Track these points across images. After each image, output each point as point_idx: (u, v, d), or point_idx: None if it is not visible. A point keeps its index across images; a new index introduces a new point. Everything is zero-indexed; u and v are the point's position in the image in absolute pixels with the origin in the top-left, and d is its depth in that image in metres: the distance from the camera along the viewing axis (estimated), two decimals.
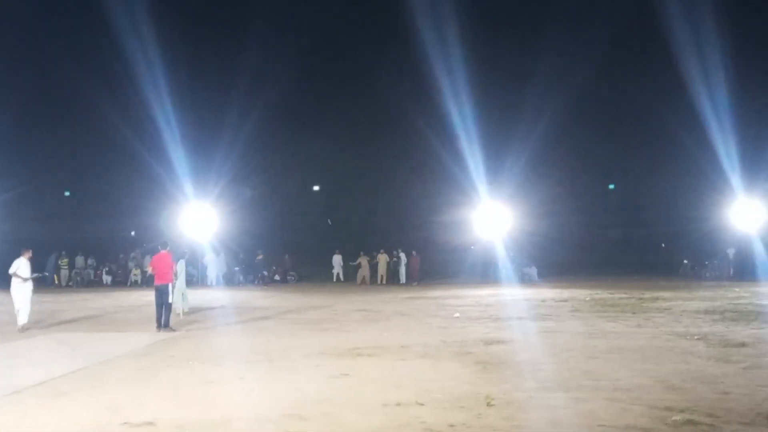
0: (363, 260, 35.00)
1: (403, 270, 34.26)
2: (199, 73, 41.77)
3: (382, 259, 34.90)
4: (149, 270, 17.97)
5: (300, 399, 8.35)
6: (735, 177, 32.44)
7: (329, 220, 44.67)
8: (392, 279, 34.62)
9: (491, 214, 33.84)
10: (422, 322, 16.71)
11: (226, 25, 49.02)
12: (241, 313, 19.79)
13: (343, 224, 43.71)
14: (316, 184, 48.43)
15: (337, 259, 37.19)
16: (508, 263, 33.29)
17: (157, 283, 16.02)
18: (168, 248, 16.59)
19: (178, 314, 18.52)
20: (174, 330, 15.61)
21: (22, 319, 16.06)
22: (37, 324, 16.97)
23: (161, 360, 11.58)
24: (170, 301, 16.08)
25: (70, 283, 36.17)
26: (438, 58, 35.07)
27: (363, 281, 34.55)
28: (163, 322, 15.66)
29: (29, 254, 16.52)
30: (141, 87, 34.14)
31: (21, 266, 16.20)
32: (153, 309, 15.94)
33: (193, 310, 19.49)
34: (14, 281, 16.17)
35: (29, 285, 16.32)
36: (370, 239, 38.31)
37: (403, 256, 34.53)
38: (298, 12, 47.91)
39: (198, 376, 10.04)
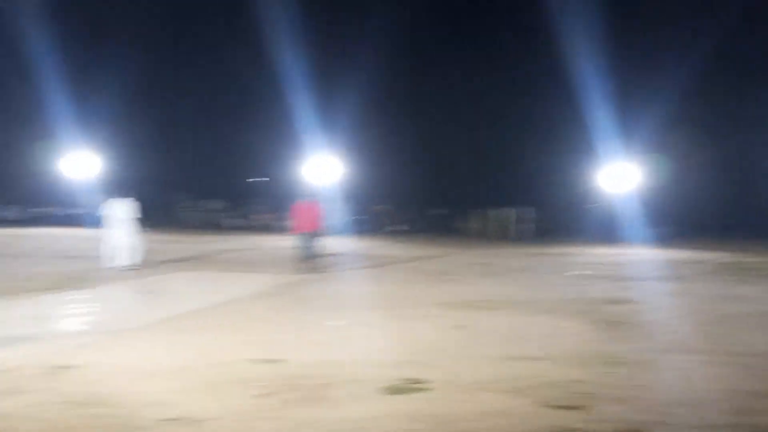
0: (489, 215, 34.88)
1: (526, 227, 33.97)
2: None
3: (506, 214, 34.65)
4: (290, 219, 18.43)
5: (419, 347, 8.44)
6: None
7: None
8: (515, 235, 34.34)
9: (618, 171, 32.74)
10: (543, 278, 16.49)
11: None
12: (365, 261, 20.12)
13: (470, 179, 43.29)
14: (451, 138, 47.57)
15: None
16: (635, 222, 32.24)
17: (302, 231, 16.75)
18: (315, 199, 17.35)
19: (303, 259, 19.09)
20: (316, 271, 16.46)
21: (133, 258, 16.64)
22: (171, 263, 17.91)
23: (289, 302, 11.97)
24: (310, 246, 16.83)
25: (198, 225, 37.80)
26: None
27: (488, 235, 34.42)
28: (304, 266, 16.53)
29: (134, 196, 17.08)
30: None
31: (126, 208, 16.75)
32: (286, 252, 16.53)
33: (318, 256, 19.97)
34: (124, 222, 16.72)
35: (136, 226, 16.88)
36: (493, 194, 37.97)
37: (525, 211, 34.23)
38: None
39: (322, 318, 10.32)
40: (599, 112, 32.99)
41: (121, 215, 16.68)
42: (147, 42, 40.99)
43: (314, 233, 16.86)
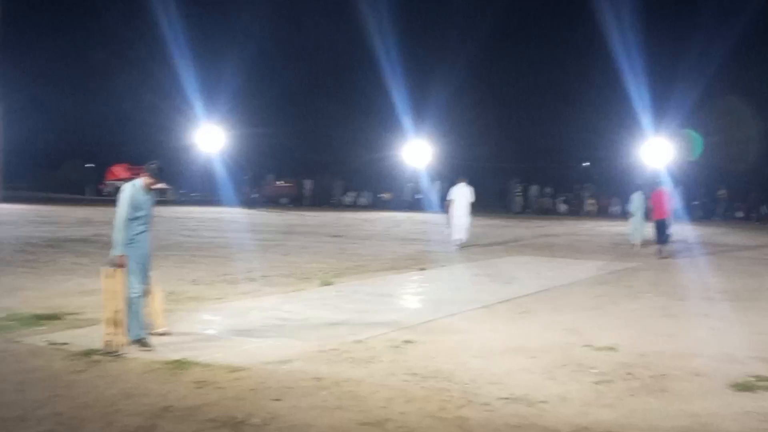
0: None
1: None
2: None
3: None
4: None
5: (767, 343, 7.82)
6: None
7: None
8: None
9: None
10: None
11: None
12: (700, 249, 18.99)
13: None
14: None
15: None
16: None
17: (655, 218, 17.12)
18: (661, 186, 17.65)
19: (633, 245, 18.56)
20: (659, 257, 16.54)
21: (462, 236, 18.02)
22: (504, 245, 18.43)
23: (618, 289, 11.71)
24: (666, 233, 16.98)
25: (527, 210, 38.24)
26: None
27: None
28: (657, 250, 16.83)
29: (465, 180, 18.58)
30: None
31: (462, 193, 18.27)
32: (613, 239, 16.28)
33: (649, 243, 19.21)
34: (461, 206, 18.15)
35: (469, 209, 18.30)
36: None
37: None
38: None
39: (657, 308, 9.95)
40: None
41: (459, 199, 18.12)
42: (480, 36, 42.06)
43: (668, 220, 17.05)
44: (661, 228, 16.99)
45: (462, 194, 18.20)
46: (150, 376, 6.06)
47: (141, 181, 7.03)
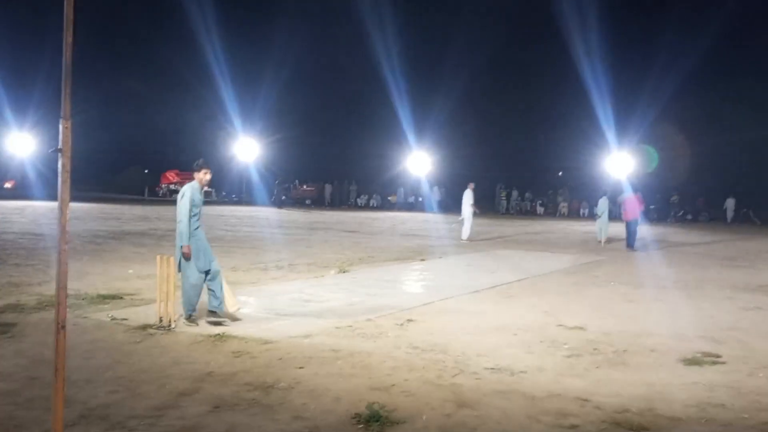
0: None
1: None
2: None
3: None
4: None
5: (713, 325, 7.75)
6: None
7: None
8: None
9: None
10: None
11: None
12: (656, 246, 18.90)
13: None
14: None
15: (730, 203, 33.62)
16: None
17: (627, 218, 17.61)
18: (637, 193, 18.07)
19: (599, 242, 18.50)
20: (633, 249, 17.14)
21: (465, 234, 18.48)
22: (487, 241, 18.38)
23: (588, 279, 11.65)
24: (635, 231, 17.55)
25: (510, 212, 38.14)
26: None
27: None
28: (627, 244, 17.44)
29: (472, 186, 18.90)
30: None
31: (467, 195, 18.60)
32: (582, 236, 16.27)
33: (612, 240, 19.13)
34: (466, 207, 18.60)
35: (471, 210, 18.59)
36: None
37: None
38: None
39: (620, 294, 9.90)
40: None
41: (465, 201, 18.65)
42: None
43: (637, 220, 17.61)
44: (632, 227, 17.42)
45: (466, 197, 18.65)
46: (195, 347, 6.06)
47: (197, 183, 7.03)
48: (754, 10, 39.44)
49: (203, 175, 7.03)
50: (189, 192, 6.87)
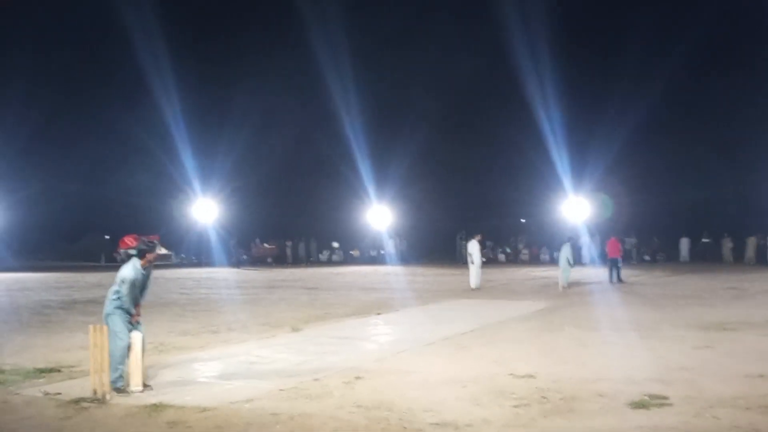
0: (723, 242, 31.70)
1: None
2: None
3: (751, 241, 31.08)
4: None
5: (663, 366, 7.73)
6: None
7: None
8: (761, 260, 30.46)
9: None
10: None
11: None
12: (611, 289, 19.06)
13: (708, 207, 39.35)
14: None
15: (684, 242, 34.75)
16: None
17: (610, 256, 20.70)
18: (617, 237, 21.43)
19: (562, 287, 18.56)
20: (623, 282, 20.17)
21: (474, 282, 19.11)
22: (446, 291, 18.34)
23: (542, 324, 11.60)
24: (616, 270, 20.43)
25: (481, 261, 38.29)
26: None
27: (724, 260, 31.20)
28: (611, 279, 20.33)
29: (479, 237, 20.01)
30: None
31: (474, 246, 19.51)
32: (541, 282, 16.60)
33: (572, 284, 19.23)
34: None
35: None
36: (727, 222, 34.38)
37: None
38: None
39: (573, 339, 9.87)
40: None
41: (473, 250, 19.42)
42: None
43: (616, 260, 20.41)
44: (614, 264, 20.40)
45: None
46: (129, 419, 5.80)
47: (139, 262, 6.93)
48: (709, 55, 41.05)
49: (153, 256, 6.98)
50: (132, 274, 6.89)
